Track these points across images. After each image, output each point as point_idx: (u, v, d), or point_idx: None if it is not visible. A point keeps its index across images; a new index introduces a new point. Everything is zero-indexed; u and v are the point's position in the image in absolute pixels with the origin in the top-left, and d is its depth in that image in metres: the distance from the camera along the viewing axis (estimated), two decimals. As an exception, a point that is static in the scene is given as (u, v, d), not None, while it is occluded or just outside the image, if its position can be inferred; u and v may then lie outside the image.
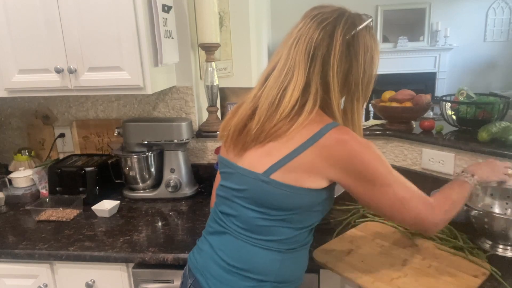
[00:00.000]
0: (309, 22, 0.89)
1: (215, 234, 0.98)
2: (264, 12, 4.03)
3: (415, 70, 6.10)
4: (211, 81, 1.72)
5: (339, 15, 0.89)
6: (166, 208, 1.59)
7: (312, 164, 0.85)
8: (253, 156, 0.90)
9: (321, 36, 0.87)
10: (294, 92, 0.86)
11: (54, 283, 1.33)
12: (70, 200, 1.57)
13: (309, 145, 0.84)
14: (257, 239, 0.91)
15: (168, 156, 1.68)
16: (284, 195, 0.87)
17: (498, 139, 1.40)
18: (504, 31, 5.79)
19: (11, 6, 1.41)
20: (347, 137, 0.85)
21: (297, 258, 0.96)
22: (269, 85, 0.90)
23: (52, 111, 1.92)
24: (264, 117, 0.87)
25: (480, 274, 1.04)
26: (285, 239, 0.91)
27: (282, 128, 0.86)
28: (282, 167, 0.85)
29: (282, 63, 0.89)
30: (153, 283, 1.25)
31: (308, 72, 0.87)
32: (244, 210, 0.92)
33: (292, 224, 0.91)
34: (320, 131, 0.84)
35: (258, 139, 0.89)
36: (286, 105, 0.86)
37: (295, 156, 0.85)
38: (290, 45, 0.89)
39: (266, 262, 0.91)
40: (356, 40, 0.89)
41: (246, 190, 0.91)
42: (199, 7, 1.63)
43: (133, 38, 1.38)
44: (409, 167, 1.65)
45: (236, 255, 0.92)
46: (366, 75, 0.92)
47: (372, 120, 1.90)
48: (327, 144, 0.84)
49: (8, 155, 1.97)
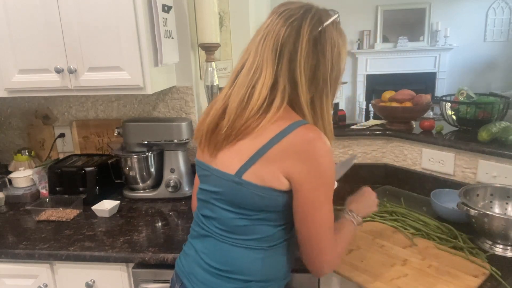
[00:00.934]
0: (276, 18, 0.88)
1: (198, 237, 0.98)
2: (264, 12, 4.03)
3: (415, 70, 6.10)
4: (211, 81, 1.72)
5: (305, 11, 0.88)
6: (166, 208, 1.59)
7: (277, 161, 0.84)
8: (226, 156, 0.89)
9: (287, 33, 0.86)
10: (262, 89, 0.85)
11: (54, 283, 1.33)
12: (70, 200, 1.57)
13: (276, 141, 0.83)
14: (238, 239, 0.91)
15: (168, 156, 1.68)
16: (256, 196, 0.86)
17: (498, 139, 1.40)
18: (504, 31, 5.80)
19: (11, 6, 1.41)
20: (313, 135, 0.84)
21: (280, 255, 0.95)
22: (238, 84, 0.89)
23: (52, 111, 1.92)
24: (234, 116, 0.87)
25: (480, 274, 1.04)
26: (265, 237, 0.91)
27: (251, 125, 0.85)
28: (252, 166, 0.85)
29: (251, 61, 0.89)
30: (153, 283, 1.24)
31: (276, 69, 0.86)
32: (223, 212, 0.91)
33: (271, 221, 0.90)
34: (289, 127, 0.84)
35: (229, 138, 0.88)
36: (255, 102, 0.85)
37: (263, 154, 0.84)
38: (257, 42, 0.89)
39: (248, 261, 0.91)
40: (323, 36, 0.87)
41: (222, 192, 0.90)
42: (199, 7, 1.62)
43: (133, 38, 1.38)
44: (409, 167, 1.65)
45: (219, 258, 0.92)
46: (334, 71, 0.90)
47: (372, 120, 1.90)
48: (292, 142, 0.83)
49: (8, 155, 1.97)
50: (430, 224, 1.30)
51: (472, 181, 1.46)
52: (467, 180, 1.47)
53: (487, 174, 1.40)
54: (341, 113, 1.85)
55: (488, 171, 1.40)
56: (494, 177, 1.38)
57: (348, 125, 1.80)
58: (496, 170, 1.37)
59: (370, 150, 1.73)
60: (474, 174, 1.45)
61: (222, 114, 0.90)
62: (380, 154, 1.73)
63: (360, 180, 1.72)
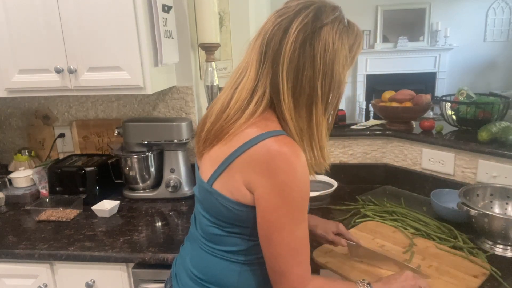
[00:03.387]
0: (272, 16, 0.81)
1: (189, 240, 0.98)
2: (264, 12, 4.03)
3: (415, 70, 6.10)
4: (211, 81, 1.72)
5: (302, 7, 0.78)
6: (166, 208, 1.59)
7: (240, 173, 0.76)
8: (204, 162, 0.85)
9: (274, 32, 0.78)
10: (242, 92, 0.79)
11: (54, 283, 1.33)
12: (70, 200, 1.57)
13: (242, 151, 0.75)
14: (215, 248, 0.87)
15: (168, 156, 1.68)
16: (224, 208, 0.80)
17: (498, 139, 1.40)
18: (504, 31, 5.80)
19: (11, 6, 1.41)
20: (284, 150, 0.73)
21: (258, 271, 0.87)
22: (226, 86, 0.85)
23: (52, 111, 1.92)
24: (214, 119, 0.82)
25: (480, 274, 1.04)
26: (240, 250, 0.85)
27: (224, 130, 0.79)
28: (220, 175, 0.79)
29: (241, 62, 0.84)
30: (153, 283, 1.24)
31: (259, 72, 0.79)
32: (202, 218, 0.88)
33: (245, 235, 0.84)
34: (256, 137, 0.75)
35: (206, 142, 0.83)
36: (233, 106, 0.79)
37: (230, 163, 0.77)
38: (251, 42, 0.83)
39: (224, 273, 0.87)
40: (316, 36, 0.76)
41: (200, 198, 0.88)
42: (199, 7, 1.62)
43: (133, 38, 1.38)
44: (409, 167, 1.65)
45: (199, 265, 0.90)
46: (326, 77, 0.78)
47: (372, 120, 1.90)
48: (257, 152, 0.74)
49: (8, 155, 1.97)
50: (430, 224, 1.30)
51: (472, 181, 1.46)
52: (467, 180, 1.47)
53: (487, 174, 1.40)
54: (341, 113, 1.85)
55: (488, 171, 1.40)
56: (494, 177, 1.38)
57: (348, 125, 1.80)
58: (496, 170, 1.37)
59: (370, 150, 1.73)
60: (474, 174, 1.45)
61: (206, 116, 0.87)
62: (380, 154, 1.73)
63: (360, 180, 1.73)
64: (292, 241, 0.76)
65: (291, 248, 0.77)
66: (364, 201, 1.53)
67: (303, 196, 0.76)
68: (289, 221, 0.75)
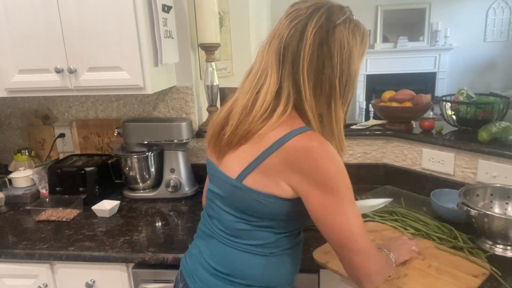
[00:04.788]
0: (284, 19, 0.85)
1: (203, 238, 0.98)
2: (264, 12, 4.03)
3: (415, 70, 6.10)
4: (211, 81, 1.72)
5: (313, 10, 0.82)
6: (166, 208, 1.59)
7: (277, 169, 0.81)
8: (229, 160, 0.88)
9: (290, 35, 0.82)
10: (267, 95, 0.83)
11: (54, 283, 1.33)
12: (70, 200, 1.57)
13: (275, 149, 0.80)
14: (239, 243, 0.89)
15: (168, 156, 1.68)
16: (256, 202, 0.83)
17: (498, 139, 1.40)
18: (504, 31, 5.80)
19: (11, 6, 1.41)
20: (314, 144, 0.79)
21: (283, 262, 0.92)
22: (244, 89, 0.87)
23: (52, 111, 1.92)
24: (237, 121, 0.85)
25: (480, 274, 1.04)
26: (267, 244, 0.88)
27: (252, 131, 0.82)
28: (252, 171, 0.82)
29: (257, 66, 0.87)
30: (153, 283, 1.25)
31: (280, 74, 0.83)
32: (225, 214, 0.90)
33: (273, 228, 0.88)
34: (288, 134, 0.80)
35: (231, 143, 0.86)
36: (259, 109, 0.82)
37: (263, 160, 0.81)
38: (264, 45, 0.87)
39: (249, 266, 0.89)
40: (331, 36, 0.81)
41: (224, 195, 0.89)
42: (199, 7, 1.62)
43: (133, 38, 1.38)
44: (409, 167, 1.65)
45: (221, 259, 0.91)
46: (344, 74, 0.83)
47: (372, 120, 1.90)
48: (292, 149, 0.79)
49: (8, 155, 1.97)
50: (430, 224, 1.30)
51: (472, 181, 1.46)
52: (467, 180, 1.47)
53: (487, 174, 1.40)
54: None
55: (488, 171, 1.40)
56: (494, 177, 1.38)
57: (348, 125, 1.79)
58: (496, 170, 1.37)
59: (370, 150, 1.73)
60: (474, 174, 1.45)
61: (227, 119, 0.89)
62: (380, 154, 1.73)
63: (360, 180, 1.73)
64: (351, 218, 0.82)
65: (352, 223, 0.82)
66: (364, 201, 1.53)
67: (345, 177, 0.82)
68: (343, 203, 0.81)
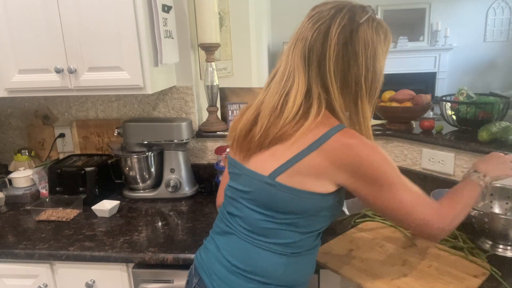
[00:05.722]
0: (306, 22, 0.87)
1: (221, 234, 0.98)
2: (264, 12, 4.03)
3: (415, 70, 6.10)
4: (211, 81, 1.72)
5: (336, 11, 0.85)
6: (166, 208, 1.59)
7: (318, 168, 0.83)
8: (259, 159, 0.89)
9: (314, 37, 0.84)
10: (297, 97, 0.84)
11: (54, 283, 1.33)
12: (70, 200, 1.57)
13: (314, 148, 0.82)
14: (262, 241, 0.90)
15: (168, 156, 1.68)
16: (289, 198, 0.85)
17: (498, 139, 1.40)
18: (504, 31, 5.80)
19: (11, 6, 1.41)
20: (353, 141, 0.82)
21: (302, 263, 0.94)
22: (271, 91, 0.89)
23: (52, 111, 1.92)
24: (267, 123, 0.86)
25: (480, 274, 1.04)
26: (290, 243, 0.90)
27: (287, 132, 0.84)
28: (287, 169, 0.84)
29: (283, 68, 0.89)
30: (153, 283, 1.25)
31: (308, 76, 0.85)
32: (250, 212, 0.91)
33: (298, 228, 0.89)
34: (326, 134, 0.82)
35: (263, 144, 0.87)
36: (290, 110, 0.84)
37: (301, 159, 0.83)
38: (289, 48, 0.88)
39: (270, 265, 0.90)
40: (355, 36, 0.84)
41: (252, 192, 0.90)
42: (199, 7, 1.63)
43: (133, 38, 1.38)
44: (409, 167, 1.65)
45: (240, 256, 0.91)
46: (369, 72, 0.86)
47: (372, 120, 1.90)
48: (333, 148, 0.81)
49: (8, 155, 1.97)
50: (430, 224, 1.30)
51: (472, 181, 1.46)
52: (467, 180, 1.47)
53: (487, 174, 1.40)
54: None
55: (488, 171, 1.40)
56: (494, 177, 1.38)
57: (348, 125, 1.79)
58: (496, 170, 1.37)
59: (370, 150, 1.73)
60: (474, 174, 1.45)
61: (254, 121, 0.90)
62: (380, 154, 1.73)
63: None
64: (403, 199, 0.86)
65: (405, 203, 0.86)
66: (364, 201, 1.53)
67: (389, 163, 0.85)
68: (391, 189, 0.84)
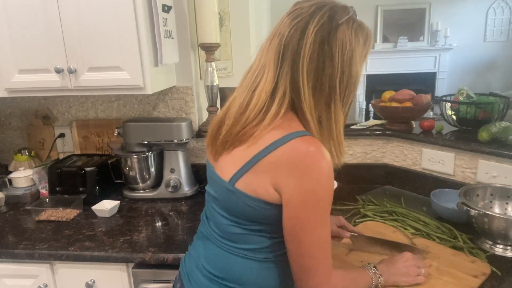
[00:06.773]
0: (285, 18, 0.82)
1: (201, 239, 0.97)
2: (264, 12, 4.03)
3: (415, 70, 6.10)
4: (211, 81, 1.72)
5: (316, 9, 0.80)
6: (166, 208, 1.59)
7: (267, 173, 0.77)
8: (224, 162, 0.86)
9: (291, 34, 0.79)
10: (261, 94, 0.80)
11: (54, 283, 1.33)
12: (70, 200, 1.57)
13: (268, 152, 0.77)
14: (232, 247, 0.88)
15: (168, 156, 1.68)
16: (248, 206, 0.81)
17: (498, 139, 1.40)
18: (504, 31, 5.80)
19: (11, 6, 1.41)
20: (309, 148, 0.76)
21: (277, 268, 0.89)
22: (242, 87, 0.85)
23: (52, 111, 1.92)
24: (232, 121, 0.83)
25: (480, 274, 1.04)
26: (260, 248, 0.86)
27: (247, 133, 0.80)
28: (243, 175, 0.80)
29: (256, 64, 0.84)
30: (153, 283, 1.25)
31: (278, 73, 0.80)
32: (219, 217, 0.89)
33: (267, 233, 0.86)
34: (282, 138, 0.76)
35: (226, 144, 0.84)
36: (252, 108, 0.80)
37: (255, 163, 0.78)
38: (265, 44, 0.84)
39: (242, 271, 0.87)
40: (333, 36, 0.79)
41: (218, 197, 0.88)
42: (199, 7, 1.63)
43: (133, 38, 1.38)
44: (409, 167, 1.65)
45: (215, 263, 0.90)
46: (345, 75, 0.81)
47: (372, 120, 1.90)
48: (285, 153, 0.76)
49: (8, 155, 1.97)
50: (430, 224, 1.30)
51: (472, 181, 1.46)
52: (467, 180, 1.47)
53: (487, 174, 1.40)
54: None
55: (488, 171, 1.40)
56: (494, 177, 1.38)
57: (348, 125, 1.80)
58: (496, 170, 1.37)
59: (370, 150, 1.73)
60: (474, 174, 1.45)
61: (223, 118, 0.87)
62: (380, 154, 1.73)
63: (360, 180, 1.73)
64: (321, 238, 0.79)
65: (320, 245, 0.79)
66: (364, 201, 1.53)
67: (331, 194, 0.79)
68: (319, 219, 0.78)
